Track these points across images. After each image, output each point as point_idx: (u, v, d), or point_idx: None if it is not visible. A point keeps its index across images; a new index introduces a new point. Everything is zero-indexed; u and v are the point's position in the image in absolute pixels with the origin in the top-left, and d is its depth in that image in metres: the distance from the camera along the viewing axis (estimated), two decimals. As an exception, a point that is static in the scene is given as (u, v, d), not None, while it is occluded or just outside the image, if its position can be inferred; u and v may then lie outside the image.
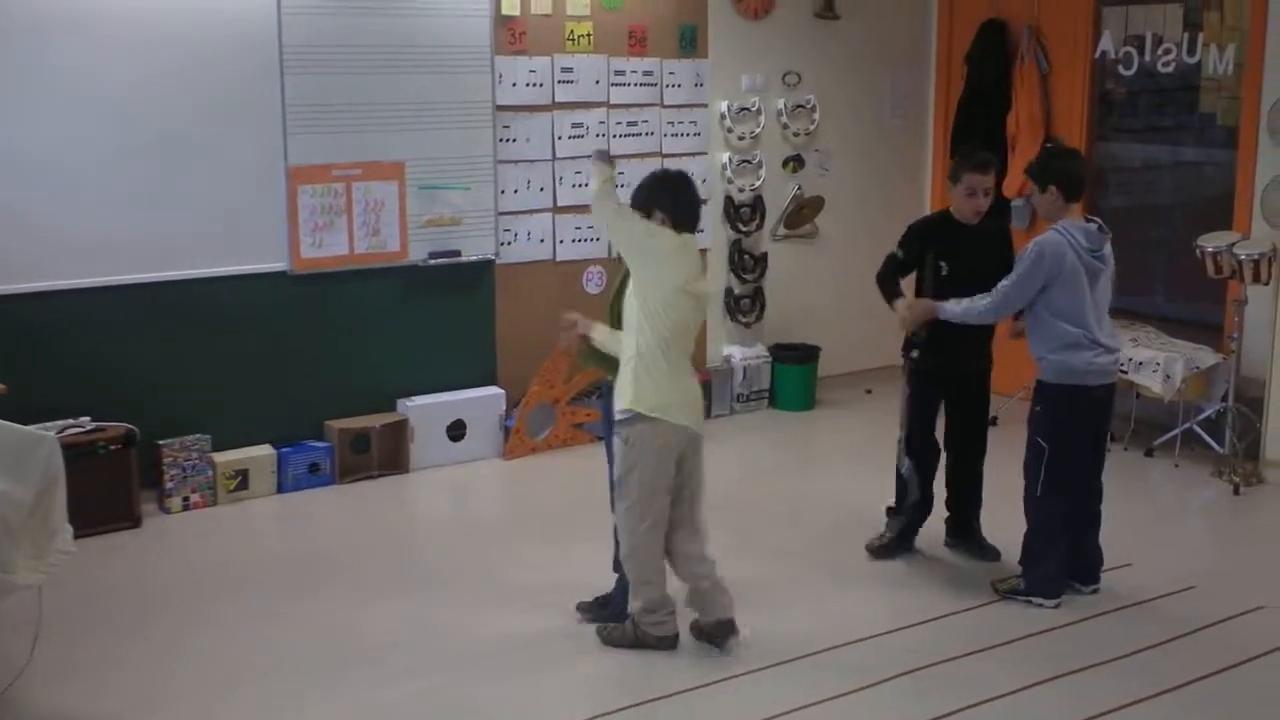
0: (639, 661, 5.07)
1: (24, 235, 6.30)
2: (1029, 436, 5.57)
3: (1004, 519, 5.88)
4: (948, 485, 6.12)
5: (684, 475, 5.02)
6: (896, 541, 6.08)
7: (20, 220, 6.28)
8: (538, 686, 4.89)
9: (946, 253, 5.83)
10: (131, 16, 6.42)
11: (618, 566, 5.25)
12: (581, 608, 5.43)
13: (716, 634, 5.12)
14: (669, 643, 5.12)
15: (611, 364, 5.11)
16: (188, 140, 6.64)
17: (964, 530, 6.13)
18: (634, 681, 4.94)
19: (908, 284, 5.99)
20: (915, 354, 5.93)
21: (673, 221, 4.97)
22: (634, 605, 5.11)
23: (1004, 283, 5.46)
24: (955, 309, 5.61)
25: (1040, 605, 5.54)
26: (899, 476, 6.07)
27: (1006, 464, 5.89)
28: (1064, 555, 5.59)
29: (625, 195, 5.13)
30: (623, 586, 5.23)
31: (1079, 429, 5.52)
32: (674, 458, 4.95)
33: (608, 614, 5.33)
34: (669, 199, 5.01)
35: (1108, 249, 5.52)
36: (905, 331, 5.91)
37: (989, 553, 6.04)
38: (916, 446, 6.01)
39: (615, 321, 5.16)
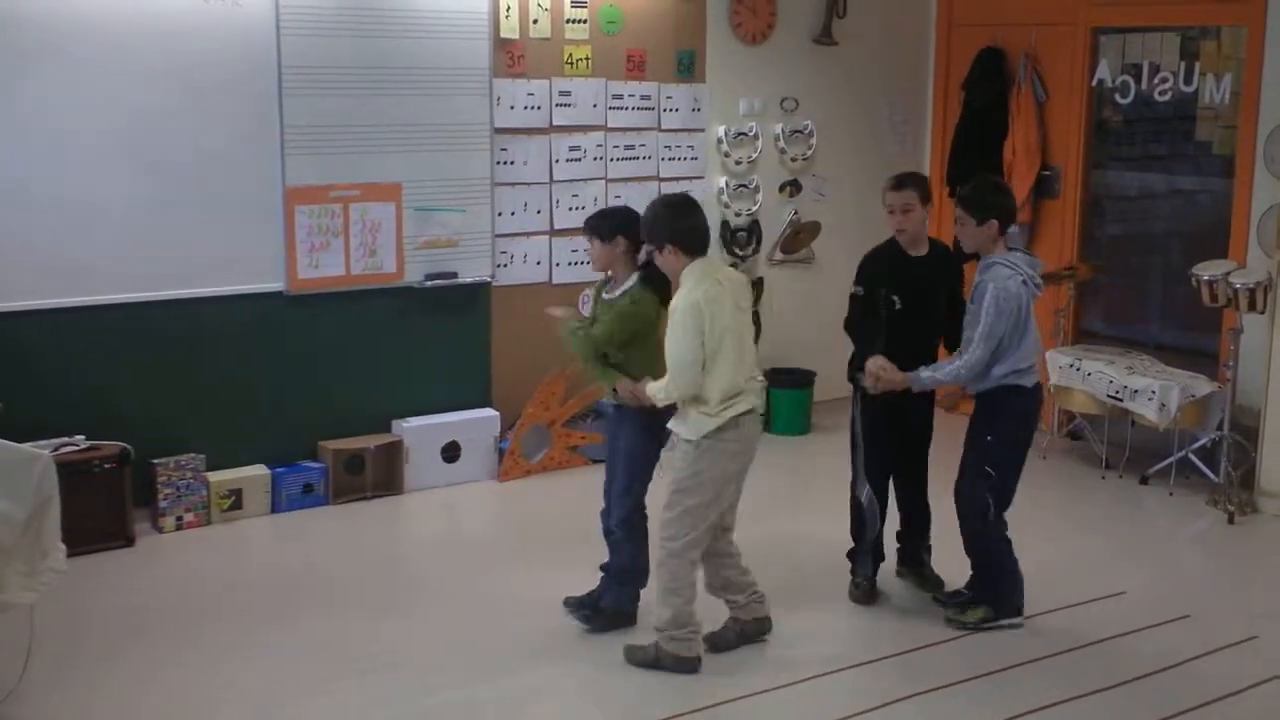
0: (634, 683, 5.08)
1: (20, 255, 6.29)
2: (974, 466, 5.52)
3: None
4: (900, 512, 6.00)
5: None
6: (873, 581, 5.93)
7: (17, 240, 6.28)
8: (529, 709, 4.88)
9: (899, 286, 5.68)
10: (130, 39, 6.43)
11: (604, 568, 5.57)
12: (569, 603, 5.64)
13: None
14: (689, 665, 5.14)
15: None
16: (185, 160, 6.64)
17: (914, 558, 6.04)
18: (625, 704, 4.94)
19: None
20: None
21: (686, 251, 5.06)
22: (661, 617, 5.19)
23: (975, 336, 5.37)
24: (930, 377, 5.51)
25: (1014, 626, 5.56)
26: (856, 505, 5.82)
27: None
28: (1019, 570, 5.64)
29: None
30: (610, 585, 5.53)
31: (1022, 448, 5.57)
32: None
33: (588, 613, 5.56)
34: (679, 230, 5.08)
35: (1039, 275, 5.59)
36: (872, 392, 5.64)
37: (934, 584, 5.95)
38: (875, 470, 5.80)
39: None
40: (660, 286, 5.30)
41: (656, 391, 5.08)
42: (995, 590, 5.60)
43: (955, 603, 5.71)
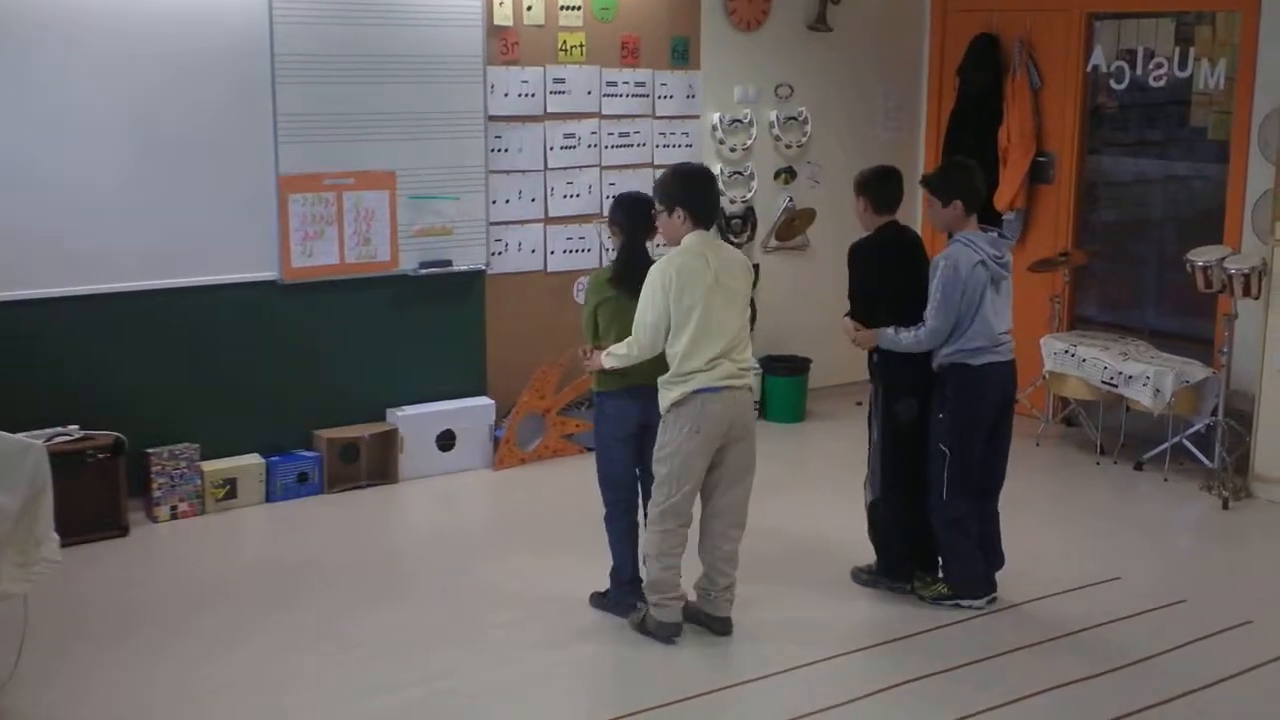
0: (627, 670, 5.09)
1: (12, 244, 6.28)
2: (931, 446, 5.53)
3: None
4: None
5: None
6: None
7: (9, 229, 6.26)
8: (524, 697, 4.89)
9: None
10: (123, 26, 6.41)
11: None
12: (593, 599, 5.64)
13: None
14: (668, 630, 5.22)
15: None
16: (178, 149, 6.63)
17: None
18: (620, 691, 4.95)
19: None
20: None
21: (694, 219, 5.11)
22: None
23: (928, 311, 5.43)
24: (892, 337, 5.53)
25: (970, 607, 5.58)
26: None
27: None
28: (978, 553, 5.62)
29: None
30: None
31: (980, 427, 5.54)
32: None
33: (610, 603, 5.56)
34: (690, 197, 5.12)
35: (1009, 256, 5.58)
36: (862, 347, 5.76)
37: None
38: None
39: (593, 335, 5.36)
40: (619, 265, 5.36)
41: (609, 358, 5.17)
42: (951, 570, 5.63)
43: (924, 577, 5.75)
